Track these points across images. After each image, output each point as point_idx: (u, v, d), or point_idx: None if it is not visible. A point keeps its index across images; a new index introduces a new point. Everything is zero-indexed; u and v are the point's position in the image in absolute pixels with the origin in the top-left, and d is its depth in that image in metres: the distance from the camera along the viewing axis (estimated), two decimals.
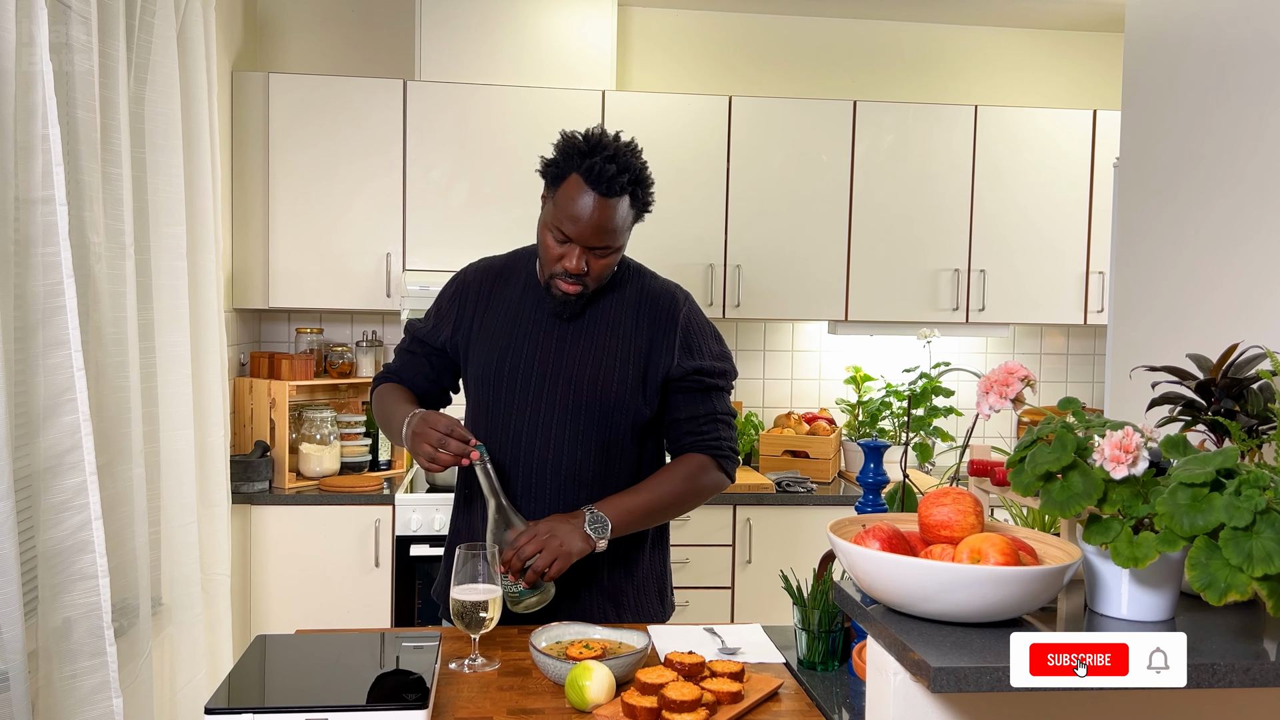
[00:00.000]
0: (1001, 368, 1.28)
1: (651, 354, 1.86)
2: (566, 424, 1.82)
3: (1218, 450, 1.10)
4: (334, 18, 3.78)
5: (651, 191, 1.80)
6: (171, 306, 2.58)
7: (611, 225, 1.74)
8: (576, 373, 1.83)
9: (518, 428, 1.83)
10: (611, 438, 1.84)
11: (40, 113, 1.83)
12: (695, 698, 1.36)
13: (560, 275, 1.78)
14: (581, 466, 1.83)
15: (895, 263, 3.67)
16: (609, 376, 1.83)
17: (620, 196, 1.73)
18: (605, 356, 1.84)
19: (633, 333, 1.86)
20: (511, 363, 1.84)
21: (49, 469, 1.89)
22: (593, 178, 1.70)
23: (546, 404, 1.83)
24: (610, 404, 1.83)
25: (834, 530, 1.22)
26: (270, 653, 1.57)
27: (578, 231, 1.73)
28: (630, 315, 1.87)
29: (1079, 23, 4.04)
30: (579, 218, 1.72)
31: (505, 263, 1.97)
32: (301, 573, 3.22)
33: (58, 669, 1.92)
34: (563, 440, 1.82)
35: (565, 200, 1.73)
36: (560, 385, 1.83)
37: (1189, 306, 2.19)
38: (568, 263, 1.76)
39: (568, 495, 1.82)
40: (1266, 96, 1.97)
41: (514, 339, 1.86)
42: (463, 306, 1.93)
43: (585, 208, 1.71)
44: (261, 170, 3.38)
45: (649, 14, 3.95)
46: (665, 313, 1.88)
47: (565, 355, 1.84)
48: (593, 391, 1.82)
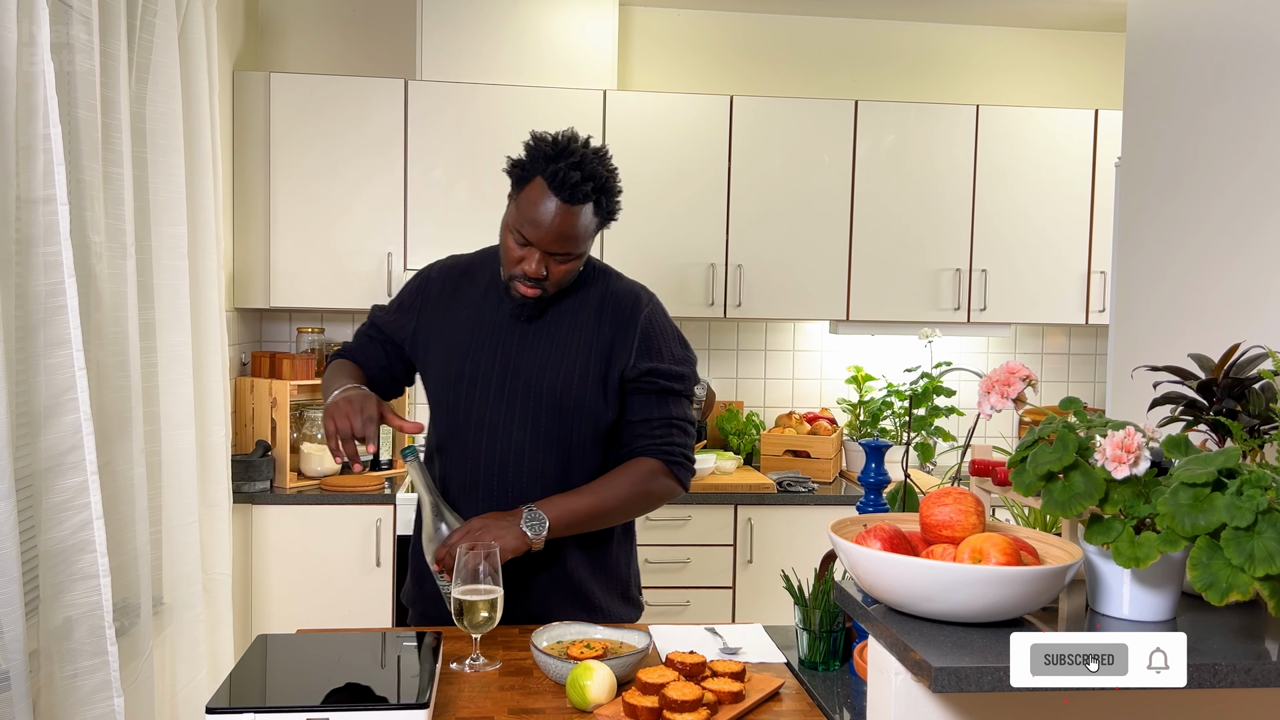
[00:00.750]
0: (1003, 367, 1.28)
1: (612, 355, 1.83)
2: (528, 426, 1.80)
3: (1219, 450, 1.10)
4: (335, 17, 3.78)
5: (618, 200, 1.78)
6: (172, 306, 2.58)
7: (573, 232, 1.71)
8: (537, 374, 1.81)
9: (479, 429, 1.82)
10: (573, 440, 1.82)
11: (41, 112, 1.83)
12: (696, 697, 1.36)
13: (519, 278, 1.76)
14: (544, 469, 1.81)
15: (896, 262, 3.67)
16: (569, 379, 1.81)
17: (583, 204, 1.70)
18: (566, 358, 1.82)
19: (594, 334, 1.84)
20: (472, 364, 1.83)
21: (50, 469, 1.89)
22: (556, 183, 1.68)
23: (507, 406, 1.81)
24: (571, 406, 1.80)
25: (835, 530, 1.21)
26: (271, 652, 1.57)
27: (538, 236, 1.71)
28: (593, 317, 1.85)
29: (1080, 22, 4.04)
30: (540, 222, 1.70)
31: (471, 261, 1.95)
32: (302, 572, 3.22)
33: (59, 668, 1.92)
34: (524, 443, 1.80)
35: (527, 204, 1.71)
36: (521, 387, 1.81)
37: (1190, 306, 2.19)
38: (526, 266, 1.73)
39: (530, 498, 1.79)
40: (1268, 96, 1.97)
41: (475, 339, 1.84)
42: (425, 303, 1.92)
43: (547, 213, 1.69)
44: (263, 170, 3.38)
45: (650, 13, 3.95)
46: (626, 314, 1.85)
47: (526, 357, 1.82)
48: (553, 393, 1.80)
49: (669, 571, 3.34)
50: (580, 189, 1.68)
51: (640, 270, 3.78)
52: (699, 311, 3.59)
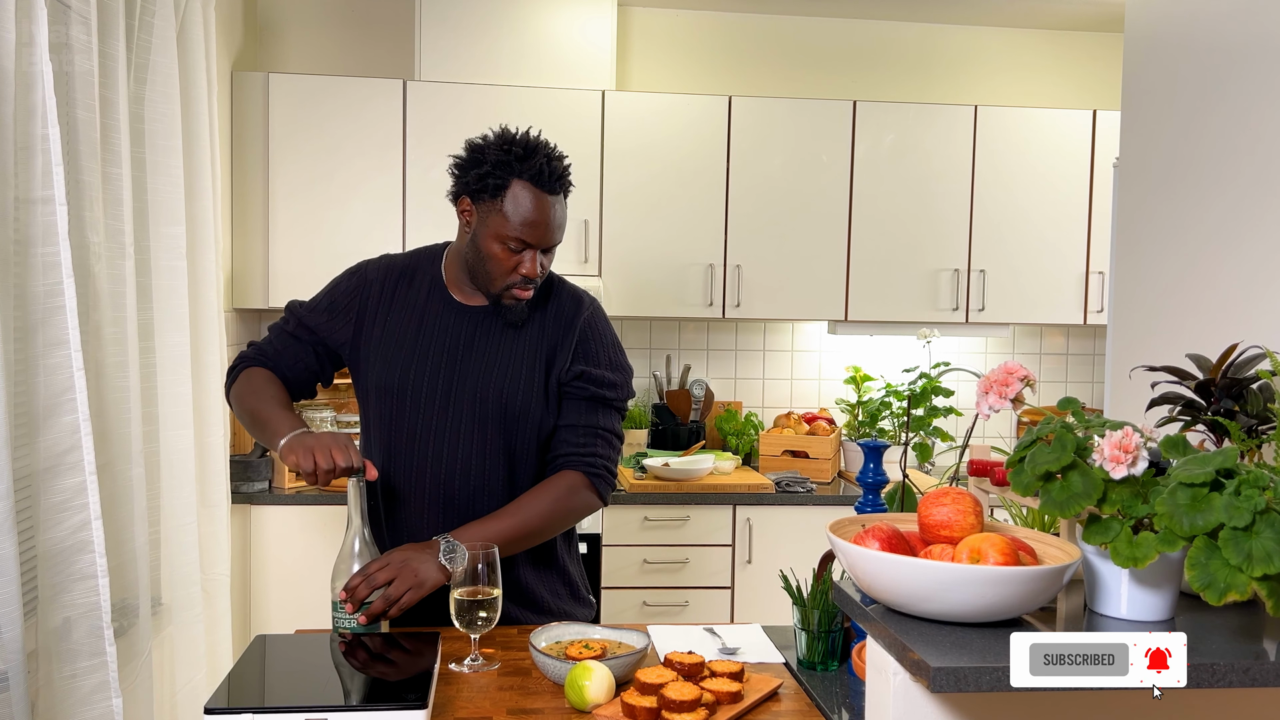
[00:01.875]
0: (1001, 368, 1.28)
1: (554, 358, 1.82)
2: (474, 435, 1.79)
3: (1217, 450, 1.10)
4: (334, 18, 3.78)
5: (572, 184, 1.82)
6: (171, 306, 2.58)
7: (563, 222, 1.76)
8: (482, 380, 1.79)
9: (424, 438, 1.79)
10: (518, 447, 1.81)
11: (40, 113, 1.82)
12: (695, 698, 1.36)
13: (518, 284, 1.75)
14: (489, 478, 1.79)
15: (895, 263, 3.67)
16: (514, 385, 1.79)
17: (567, 193, 1.76)
18: (512, 365, 1.80)
19: (538, 339, 1.83)
20: (416, 371, 1.79)
21: (49, 469, 1.89)
22: (542, 180, 1.70)
23: (453, 413, 1.79)
24: (517, 413, 1.79)
25: (833, 530, 1.22)
26: (270, 652, 1.57)
27: (537, 236, 1.71)
28: (536, 322, 1.84)
29: (1079, 23, 4.05)
30: (537, 222, 1.70)
31: (407, 263, 1.91)
32: (301, 572, 3.22)
33: (57, 669, 1.92)
34: (470, 452, 1.79)
35: (514, 207, 1.70)
36: (467, 395, 1.79)
37: (1189, 306, 2.19)
38: (524, 269, 1.73)
39: (477, 506, 1.78)
40: (1266, 96, 1.97)
41: (419, 346, 1.81)
42: (364, 305, 1.87)
43: (541, 211, 1.71)
44: (261, 170, 3.38)
45: (649, 14, 3.95)
46: (567, 318, 1.85)
47: (472, 364, 1.80)
48: (499, 401, 1.78)
49: (668, 572, 3.35)
50: (564, 179, 1.74)
51: (639, 271, 3.77)
52: (697, 312, 3.59)
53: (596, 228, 3.52)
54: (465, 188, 1.77)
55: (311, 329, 1.90)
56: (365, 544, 1.63)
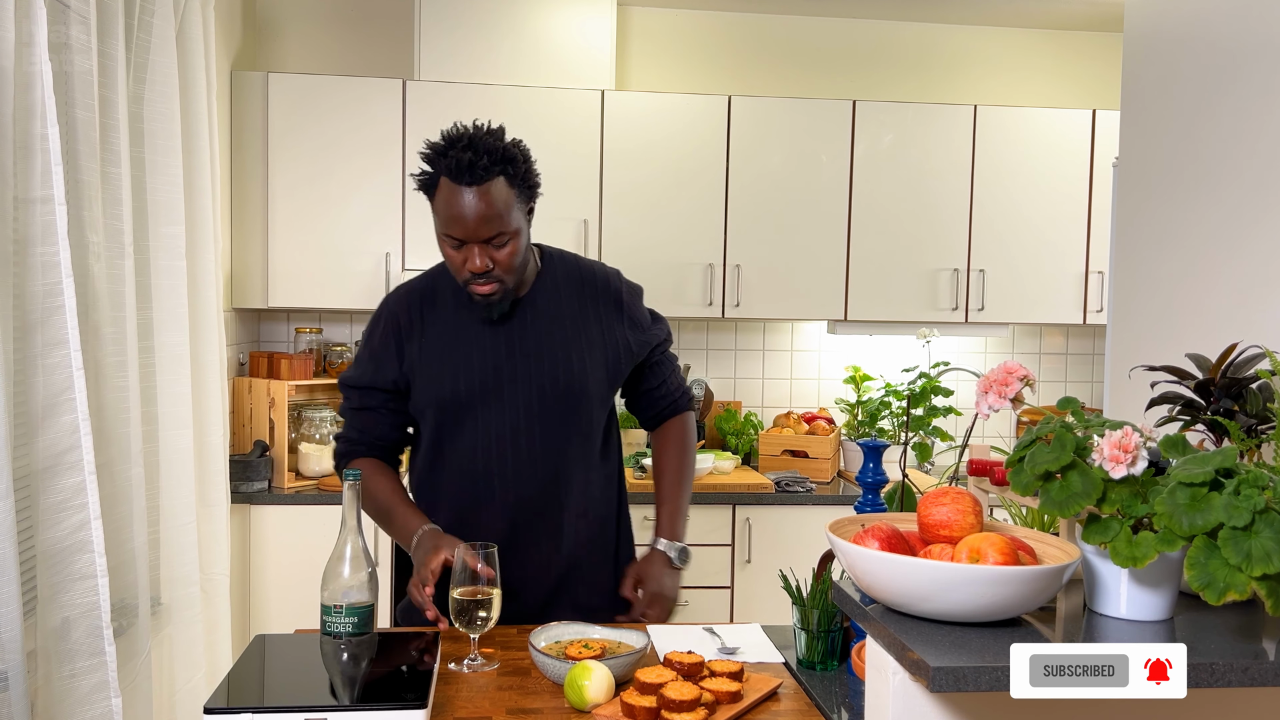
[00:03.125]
0: (1000, 367, 1.28)
1: (609, 335, 1.87)
2: (535, 426, 1.81)
3: (1217, 450, 1.10)
4: (333, 17, 3.78)
5: (527, 166, 1.73)
6: (170, 306, 2.57)
7: (493, 211, 1.67)
8: (535, 370, 1.81)
9: (487, 441, 1.81)
10: (580, 427, 1.85)
11: (39, 112, 1.82)
12: (694, 697, 1.36)
13: (470, 280, 1.74)
14: (559, 463, 1.83)
15: (894, 262, 3.67)
16: (569, 365, 1.82)
17: (490, 180, 1.67)
18: (559, 347, 1.83)
19: (577, 316, 1.86)
20: (467, 380, 1.80)
21: (48, 469, 1.89)
22: (456, 172, 1.65)
23: (511, 409, 1.80)
24: (577, 389, 1.82)
25: (833, 530, 1.22)
26: (269, 652, 1.57)
27: (464, 230, 1.68)
28: (568, 300, 1.86)
29: (1078, 22, 4.05)
30: (458, 216, 1.68)
31: (425, 285, 1.90)
32: (300, 572, 3.21)
33: (56, 669, 1.92)
34: (534, 444, 1.81)
35: (441, 205, 1.69)
36: (521, 387, 1.81)
37: (1188, 306, 2.19)
38: (470, 265, 1.71)
39: (549, 496, 1.82)
40: (1265, 96, 1.97)
41: (463, 356, 1.81)
42: (399, 338, 1.85)
43: (460, 204, 1.67)
44: (260, 170, 3.38)
45: (648, 13, 3.95)
46: (605, 290, 1.91)
47: (518, 357, 1.81)
48: (555, 384, 1.81)
49: None
50: (478, 166, 1.65)
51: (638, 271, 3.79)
52: (697, 311, 3.59)
53: (596, 227, 3.52)
54: (422, 191, 1.75)
55: (369, 389, 1.88)
56: (358, 547, 1.63)
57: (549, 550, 1.85)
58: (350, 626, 1.56)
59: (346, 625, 1.56)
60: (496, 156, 1.67)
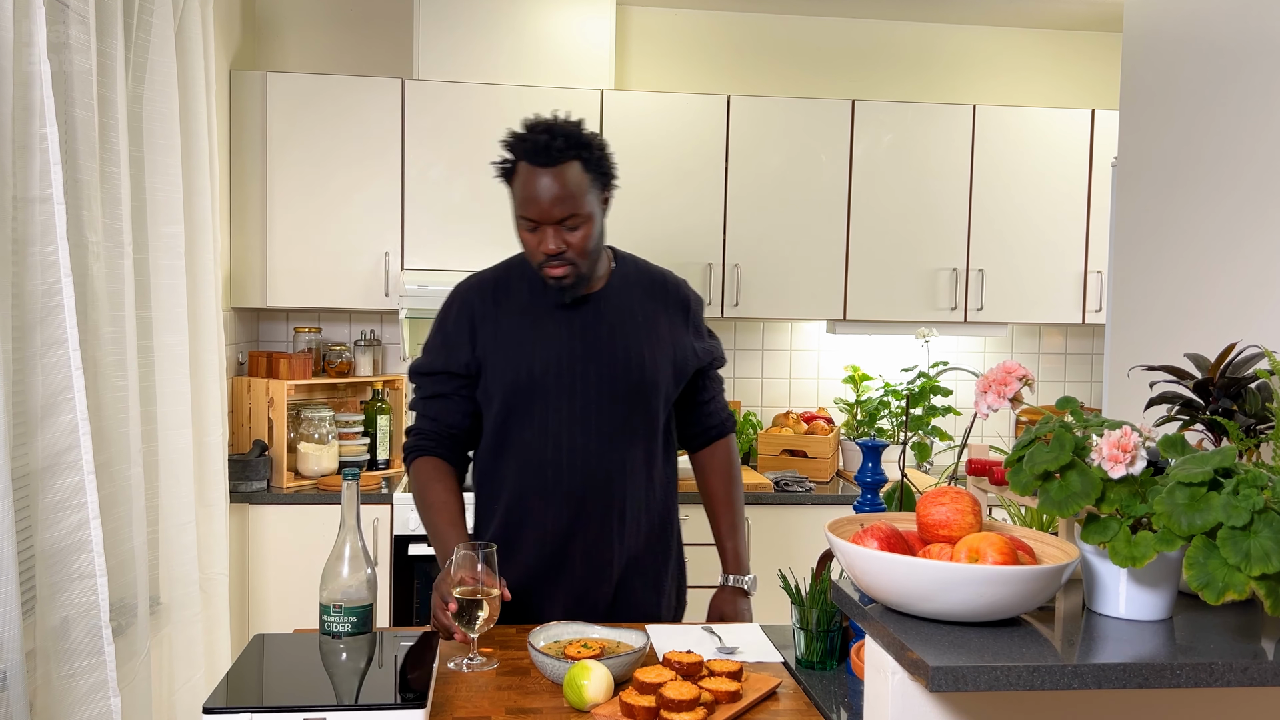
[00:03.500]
0: (999, 367, 1.28)
1: (675, 337, 1.92)
2: (605, 415, 1.84)
3: (1216, 450, 1.10)
4: (332, 17, 3.78)
5: (603, 154, 1.79)
6: (170, 305, 2.57)
7: (567, 192, 1.72)
8: (606, 361, 1.84)
9: (556, 429, 1.83)
10: (646, 420, 1.88)
11: (38, 111, 1.82)
12: (693, 697, 1.36)
13: (544, 262, 1.77)
14: (625, 455, 1.86)
15: (894, 262, 3.67)
16: (639, 359, 1.86)
17: (565, 163, 1.72)
18: (629, 341, 1.87)
19: (648, 314, 1.91)
20: (539, 365, 1.83)
21: (47, 468, 1.89)
22: (532, 154, 1.72)
23: (580, 398, 1.83)
24: (645, 383, 1.86)
25: (832, 529, 1.22)
26: (268, 652, 1.57)
27: (538, 211, 1.73)
28: (639, 299, 1.91)
29: (1077, 22, 4.05)
30: (533, 197, 1.73)
31: (497, 275, 1.94)
32: (299, 572, 3.22)
33: (56, 668, 1.92)
34: (603, 433, 1.84)
35: (519, 187, 1.75)
36: (591, 377, 1.84)
37: (1187, 306, 2.20)
38: (544, 246, 1.75)
39: (615, 486, 1.85)
40: (1265, 96, 1.97)
41: (534, 342, 1.84)
42: (473, 322, 1.87)
43: (535, 185, 1.72)
44: (260, 169, 3.38)
45: (647, 13, 3.95)
46: (675, 295, 1.97)
47: (588, 347, 1.84)
48: (625, 376, 1.85)
49: None
50: (553, 148, 1.71)
51: None
52: None
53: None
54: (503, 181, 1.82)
55: (441, 374, 1.89)
56: (357, 546, 1.63)
57: (610, 546, 1.86)
58: (349, 626, 1.56)
59: (345, 625, 1.56)
60: (573, 141, 1.73)
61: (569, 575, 1.85)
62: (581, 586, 1.85)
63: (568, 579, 1.85)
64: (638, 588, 1.91)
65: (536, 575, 1.85)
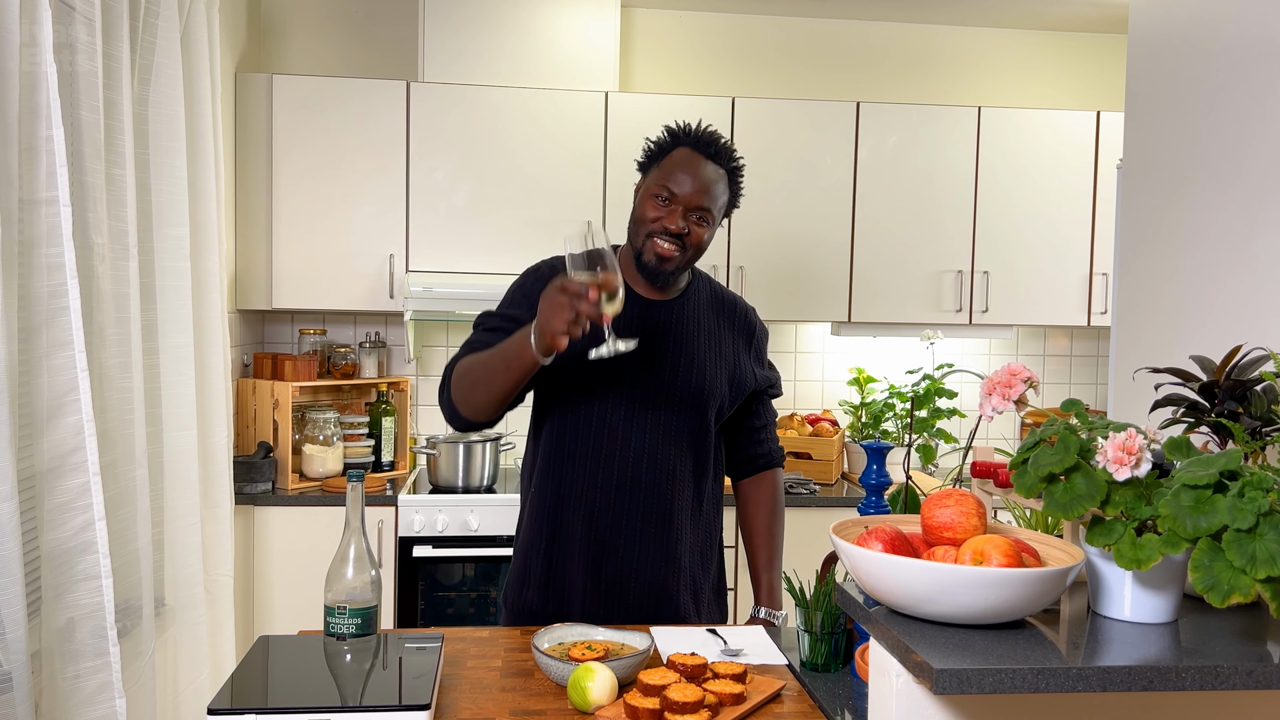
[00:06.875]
0: (1004, 369, 1.28)
1: (737, 357, 1.95)
2: (663, 418, 1.85)
3: (1221, 452, 1.10)
4: (338, 19, 3.78)
5: (740, 185, 1.87)
6: (175, 307, 2.58)
7: (713, 189, 1.79)
8: (671, 362, 1.86)
9: (613, 424, 1.84)
10: (701, 430, 1.89)
11: (44, 114, 1.83)
12: (698, 699, 1.36)
13: (659, 233, 1.79)
14: (676, 461, 1.86)
15: (898, 264, 3.67)
16: (702, 367, 1.88)
17: (722, 165, 1.81)
18: (695, 349, 1.89)
19: (717, 331, 1.94)
20: (604, 365, 1.82)
21: (52, 470, 1.90)
22: (700, 143, 1.80)
23: (642, 399, 1.84)
24: (705, 397, 1.87)
25: (837, 532, 1.21)
26: (273, 653, 1.57)
27: (684, 191, 1.77)
28: (709, 315, 1.95)
29: (1082, 24, 4.04)
30: (685, 176, 1.78)
31: None
32: (304, 573, 3.22)
33: (61, 669, 1.93)
34: (658, 435, 1.85)
35: (671, 164, 1.80)
36: (656, 380, 1.85)
37: (1193, 308, 2.19)
38: (671, 221, 1.78)
39: (662, 490, 1.85)
40: (1270, 97, 1.97)
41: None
42: None
43: (694, 166, 1.78)
44: (265, 171, 3.39)
45: (652, 15, 3.95)
46: (743, 317, 2.00)
47: (661, 351, 1.86)
48: (686, 381, 1.86)
49: None
50: (719, 145, 1.80)
51: None
52: None
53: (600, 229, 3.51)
54: (644, 165, 1.87)
55: (511, 316, 1.84)
56: (362, 548, 1.63)
57: (658, 546, 1.86)
58: (354, 627, 1.56)
59: (350, 626, 1.56)
60: (731, 155, 1.84)
61: (611, 565, 1.84)
62: (625, 582, 1.85)
63: (610, 569, 1.84)
64: (682, 596, 1.90)
65: (580, 561, 1.85)
